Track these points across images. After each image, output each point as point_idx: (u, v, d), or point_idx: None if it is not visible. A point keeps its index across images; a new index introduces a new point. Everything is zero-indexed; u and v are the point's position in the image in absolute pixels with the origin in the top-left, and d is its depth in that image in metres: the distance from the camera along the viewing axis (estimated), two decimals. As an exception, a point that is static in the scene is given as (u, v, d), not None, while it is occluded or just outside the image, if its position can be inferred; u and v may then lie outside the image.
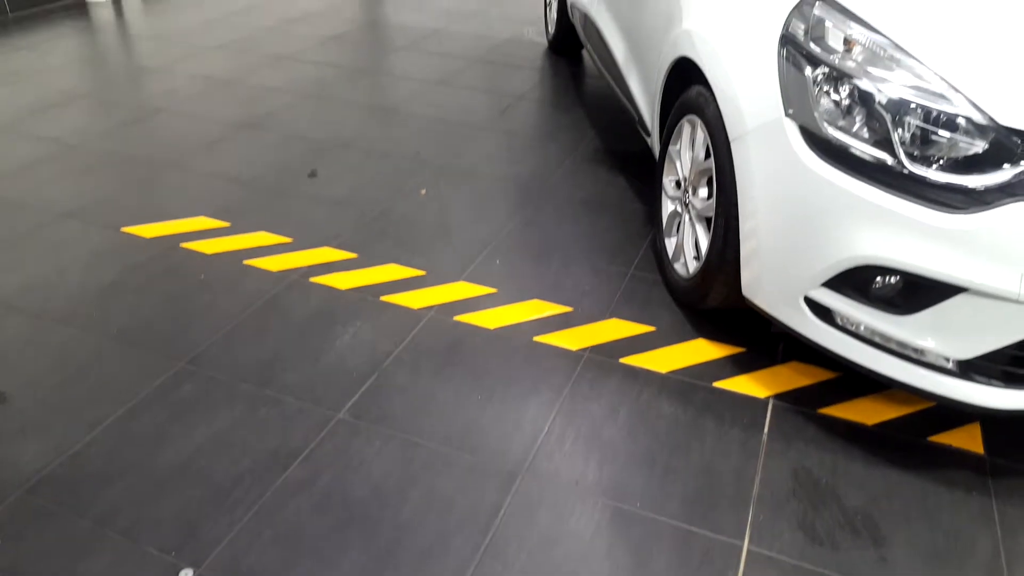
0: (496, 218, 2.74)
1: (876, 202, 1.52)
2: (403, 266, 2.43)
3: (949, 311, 1.52)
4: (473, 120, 3.56)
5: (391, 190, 2.91)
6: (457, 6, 5.42)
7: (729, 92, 1.86)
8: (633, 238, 2.63)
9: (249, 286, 2.32)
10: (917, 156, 1.51)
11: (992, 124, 1.46)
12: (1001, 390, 1.55)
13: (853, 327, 1.67)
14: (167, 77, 4.00)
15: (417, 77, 4.09)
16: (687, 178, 2.22)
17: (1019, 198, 1.43)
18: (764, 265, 1.81)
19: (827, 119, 1.61)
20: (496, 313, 2.22)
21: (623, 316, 2.23)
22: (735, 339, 2.13)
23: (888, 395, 1.93)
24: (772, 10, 1.80)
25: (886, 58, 1.56)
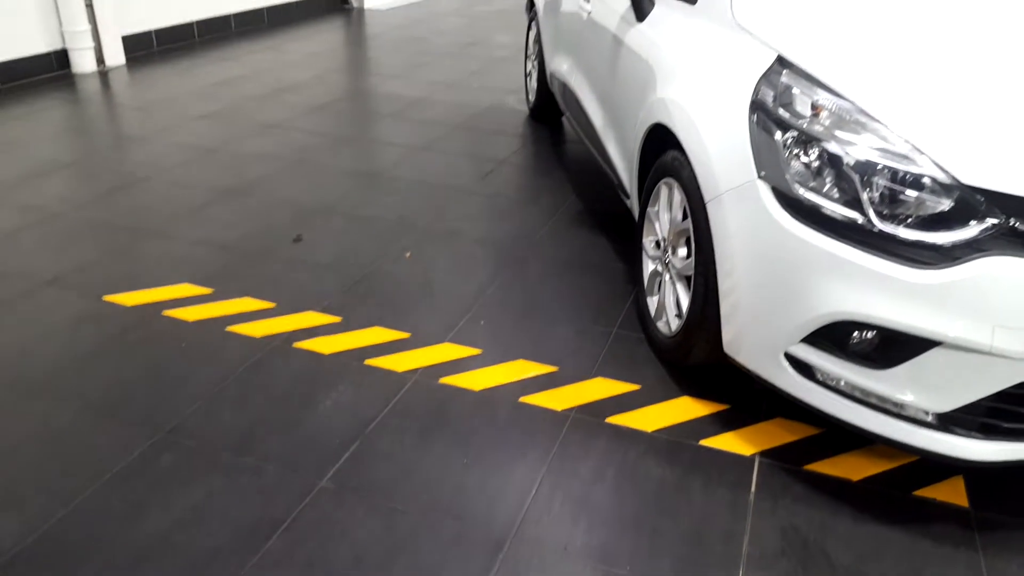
0: (480, 279, 2.76)
1: (849, 259, 1.56)
2: (388, 329, 2.44)
3: (926, 364, 1.54)
4: (457, 184, 3.63)
5: (376, 253, 2.94)
6: (440, 76, 5.56)
7: (703, 156, 1.92)
8: (616, 297, 2.65)
9: (231, 353, 2.31)
10: (886, 215, 1.55)
11: (956, 183, 1.51)
12: (980, 442, 1.56)
13: (833, 382, 1.69)
14: (152, 146, 4.05)
15: (401, 143, 4.18)
16: (666, 238, 2.26)
17: (986, 253, 1.47)
18: (744, 322, 1.84)
19: (798, 180, 1.66)
20: (481, 374, 2.22)
21: (608, 375, 2.23)
22: (720, 396, 2.14)
23: (872, 450, 1.94)
24: (742, 78, 1.87)
25: (852, 122, 1.63)
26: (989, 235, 1.48)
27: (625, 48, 2.62)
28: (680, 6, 2.35)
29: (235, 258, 2.88)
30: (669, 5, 2.42)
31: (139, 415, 2.03)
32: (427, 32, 7.11)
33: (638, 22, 2.54)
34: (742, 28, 2.02)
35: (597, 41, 2.98)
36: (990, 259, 1.47)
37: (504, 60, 6.06)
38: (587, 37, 3.16)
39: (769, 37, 1.92)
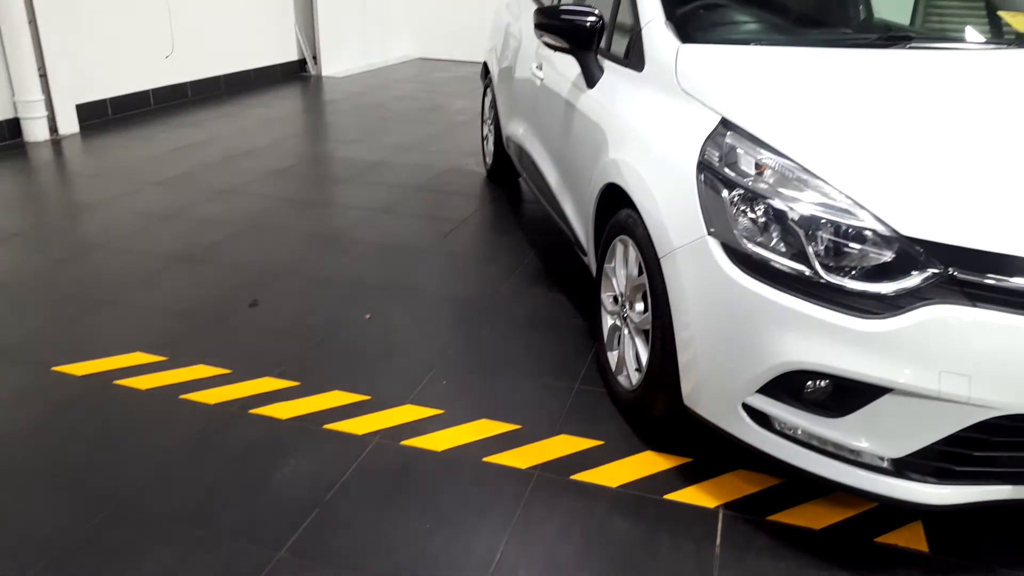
0: (441, 339, 2.76)
1: (798, 310, 1.61)
2: (347, 392, 2.41)
3: (878, 411, 1.58)
4: (416, 245, 3.65)
5: (334, 316, 2.92)
6: (399, 140, 5.65)
7: (655, 214, 1.97)
8: (577, 353, 2.67)
9: (184, 421, 2.25)
10: (832, 267, 1.61)
11: (896, 235, 1.58)
12: (935, 486, 1.60)
13: (791, 432, 1.72)
14: (105, 213, 4.01)
15: (360, 206, 4.20)
16: (624, 294, 2.30)
17: (929, 302, 1.53)
18: (701, 375, 1.87)
19: (746, 236, 1.72)
20: (444, 435, 2.20)
21: (571, 431, 2.23)
22: (682, 449, 2.15)
23: (833, 497, 1.96)
24: (689, 140, 1.95)
25: (795, 179, 1.70)
26: (931, 284, 1.54)
27: (578, 113, 2.71)
28: (628, 73, 2.45)
29: (189, 325, 2.83)
30: (617, 72, 2.52)
31: (88, 489, 1.96)
32: (385, 98, 7.23)
33: (589, 88, 2.63)
34: (687, 93, 2.11)
35: (551, 106, 3.08)
36: (933, 307, 1.53)
37: (462, 124, 6.19)
38: (541, 102, 3.26)
39: (713, 101, 2.01)
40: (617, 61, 2.56)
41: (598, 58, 2.64)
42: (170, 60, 6.52)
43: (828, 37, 2.69)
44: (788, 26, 2.74)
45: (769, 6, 2.81)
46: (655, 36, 2.36)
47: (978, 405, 1.51)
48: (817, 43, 2.49)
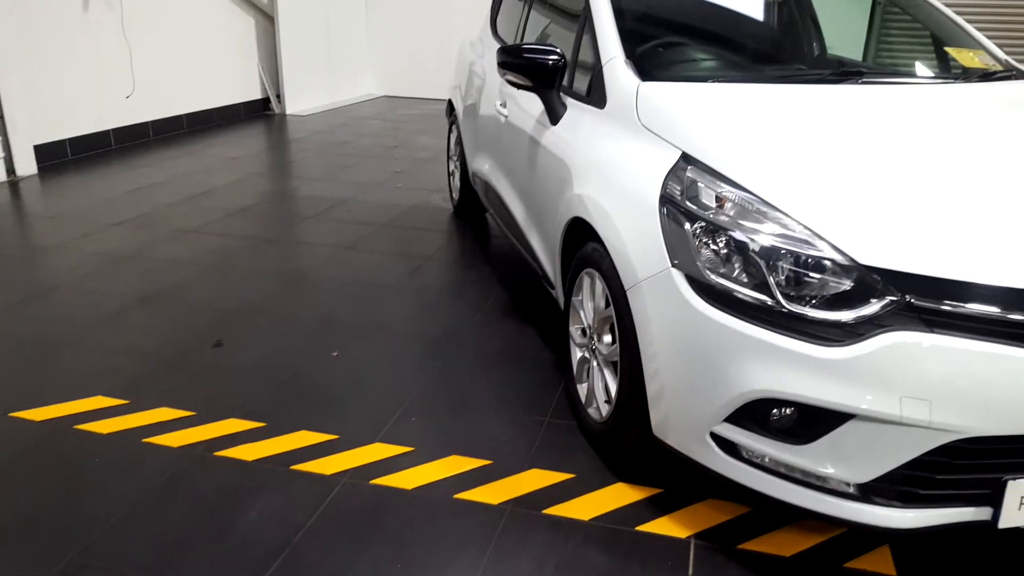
0: (410, 375, 2.74)
1: (762, 339, 1.64)
2: (314, 432, 2.38)
3: (843, 437, 1.61)
4: (383, 281, 3.64)
5: (300, 354, 2.89)
6: (364, 178, 5.66)
7: (620, 248, 2.01)
8: (547, 386, 2.68)
9: (148, 465, 2.20)
10: (793, 296, 1.65)
11: (854, 264, 1.63)
12: (900, 510, 1.62)
13: (758, 459, 1.74)
14: (65, 255, 3.93)
15: (326, 243, 4.19)
16: (592, 326, 2.32)
17: (888, 328, 1.58)
18: (670, 405, 1.89)
19: (709, 267, 1.75)
20: (414, 473, 2.18)
21: (543, 465, 2.23)
22: (653, 480, 2.16)
23: (802, 524, 1.98)
24: (651, 174, 2.00)
25: (755, 211, 1.75)
26: (889, 311, 1.59)
27: (542, 149, 2.76)
28: (590, 110, 2.51)
29: (151, 367, 2.78)
30: (580, 109, 2.58)
31: (47, 538, 1.89)
32: (350, 136, 7.26)
33: (552, 125, 2.68)
34: (648, 130, 2.16)
35: (515, 143, 3.12)
36: (891, 334, 1.57)
37: (427, 161, 6.23)
38: (506, 139, 3.30)
39: (673, 137, 2.06)
40: (579, 98, 2.61)
41: (561, 95, 2.70)
42: (131, 99, 6.47)
43: (783, 73, 2.79)
44: (744, 63, 2.83)
45: (725, 44, 2.91)
46: (616, 74, 2.42)
47: (939, 429, 1.55)
48: (772, 79, 2.58)
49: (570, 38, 2.86)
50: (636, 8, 2.82)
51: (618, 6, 2.64)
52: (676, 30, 2.87)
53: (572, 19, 2.93)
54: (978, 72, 2.69)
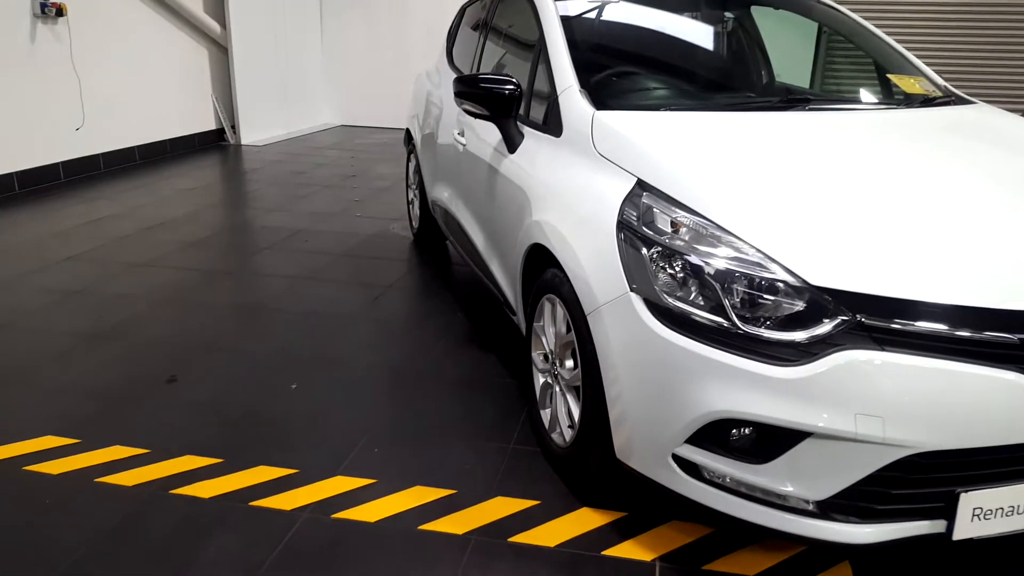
0: (372, 406, 2.72)
1: (719, 360, 1.67)
2: (273, 467, 2.33)
3: (801, 455, 1.64)
4: (343, 312, 3.61)
5: (258, 388, 2.84)
6: (322, 207, 5.63)
7: (580, 273, 2.03)
8: (510, 413, 2.67)
9: (101, 505, 2.13)
10: (748, 318, 1.69)
11: (806, 285, 1.67)
12: (858, 526, 1.65)
13: (720, 480, 1.76)
14: (12, 291, 3.82)
15: (283, 274, 4.14)
16: (553, 351, 2.33)
17: (840, 347, 1.61)
18: (632, 428, 1.90)
19: (666, 291, 1.78)
20: (376, 505, 2.15)
21: (507, 493, 2.22)
22: (618, 503, 2.16)
23: (764, 543, 2.00)
24: (607, 201, 2.03)
25: (709, 236, 1.79)
26: (841, 331, 1.63)
27: (501, 177, 2.78)
28: (547, 138, 2.54)
29: (103, 405, 2.70)
30: (537, 138, 2.61)
31: (-9, 588, 1.82)
32: (306, 165, 7.22)
33: (510, 153, 2.71)
34: (603, 157, 2.20)
35: (474, 171, 3.15)
36: (844, 353, 1.61)
37: (386, 190, 6.22)
38: (465, 167, 3.32)
39: (628, 164, 2.10)
40: (536, 127, 2.65)
41: (518, 124, 2.73)
42: (81, 132, 6.36)
43: (733, 101, 2.87)
44: (695, 91, 2.90)
45: (677, 73, 2.98)
46: (571, 104, 2.46)
47: (892, 444, 1.58)
48: (723, 107, 2.66)
49: (525, 68, 2.90)
50: (589, 39, 2.89)
51: (572, 37, 2.70)
52: (629, 60, 2.94)
53: (527, 49, 2.98)
54: (919, 98, 2.80)
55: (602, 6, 3.08)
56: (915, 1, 7.98)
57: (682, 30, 3.18)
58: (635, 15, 3.11)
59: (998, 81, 7.92)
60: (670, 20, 3.16)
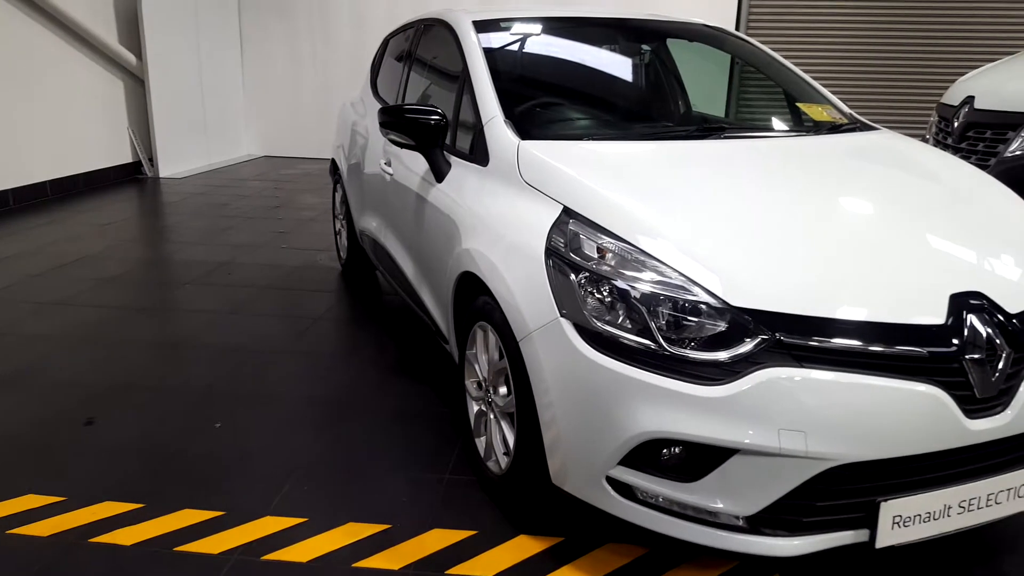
0: (301, 442, 2.65)
1: (648, 382, 1.71)
2: (199, 509, 2.25)
3: (729, 472, 1.68)
4: (269, 345, 3.52)
5: (181, 428, 2.74)
6: (246, 240, 5.50)
7: (510, 300, 2.05)
8: (445, 442, 2.65)
9: (14, 559, 2.00)
10: (674, 339, 1.73)
11: (727, 307, 1.73)
12: (787, 539, 1.70)
13: (653, 499, 1.79)
14: (-91, 335, 3.59)
15: (206, 309, 4.02)
16: (487, 379, 2.33)
17: (762, 365, 1.68)
18: (566, 452, 1.91)
19: (595, 315, 1.82)
20: (309, 544, 2.10)
21: (444, 524, 2.19)
22: (555, 529, 2.16)
23: (698, 560, 2.03)
24: (535, 228, 2.06)
25: (633, 261, 1.84)
26: (762, 349, 1.69)
27: (429, 206, 2.79)
28: (474, 168, 2.57)
29: (14, 452, 2.55)
30: (464, 167, 2.64)
31: None
32: (229, 197, 7.06)
33: (438, 183, 2.72)
34: (530, 186, 2.24)
35: (402, 200, 3.14)
36: (765, 370, 1.67)
37: (312, 220, 6.13)
38: (392, 197, 3.32)
39: (554, 192, 2.14)
40: (463, 156, 2.67)
41: (444, 154, 2.75)
42: (-14, 166, 6.06)
43: (653, 130, 2.97)
44: (616, 121, 2.99)
45: (598, 104, 3.07)
46: (496, 133, 2.50)
47: (815, 458, 1.64)
48: (643, 136, 2.74)
49: (450, 98, 2.93)
50: (512, 70, 2.95)
51: (495, 68, 2.74)
52: (551, 91, 3.00)
53: (452, 80, 3.01)
54: (827, 125, 2.95)
55: (524, 38, 3.15)
56: (821, 34, 8.45)
57: (602, 62, 3.28)
58: (556, 47, 3.20)
59: (897, 108, 8.43)
60: (590, 52, 3.26)
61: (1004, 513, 1.79)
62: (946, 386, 1.68)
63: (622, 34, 3.40)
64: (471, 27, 2.98)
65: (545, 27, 3.18)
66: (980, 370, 1.70)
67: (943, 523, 1.73)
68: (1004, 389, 1.74)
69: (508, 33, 3.11)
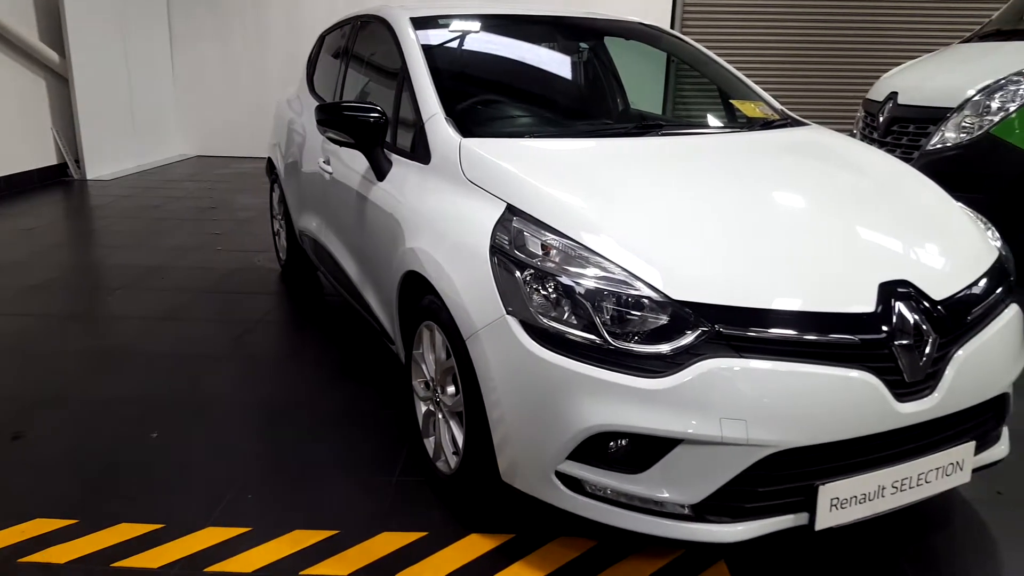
0: (244, 450, 2.59)
1: (594, 376, 1.73)
2: (136, 523, 2.17)
3: (674, 462, 1.72)
4: (208, 351, 3.43)
5: (115, 440, 2.64)
6: (180, 242, 5.34)
7: (456, 299, 2.04)
8: (393, 444, 2.63)
9: (-65, 586, 1.90)
10: (618, 334, 1.76)
11: (668, 300, 1.76)
12: (731, 526, 1.74)
13: (601, 492, 1.81)
14: None
15: (139, 315, 3.89)
16: (434, 378, 2.32)
17: (703, 357, 1.71)
18: (515, 449, 1.92)
19: (541, 312, 1.83)
20: (253, 554, 2.05)
21: (393, 527, 2.17)
22: (505, 526, 2.17)
23: (647, 550, 2.06)
24: (479, 226, 2.06)
25: (577, 257, 1.85)
26: (702, 341, 1.73)
27: (371, 205, 2.75)
28: (416, 166, 2.55)
29: (-65, 470, 2.43)
30: (406, 165, 2.61)
31: None
32: (161, 199, 6.85)
33: (379, 181, 2.69)
34: (473, 183, 2.23)
35: (343, 200, 3.10)
36: (707, 361, 1.71)
37: (249, 221, 6.00)
38: (332, 196, 3.26)
39: (497, 190, 2.14)
40: (404, 154, 2.65)
41: (385, 152, 2.72)
42: None
43: (593, 127, 3.00)
44: (557, 119, 3.01)
45: (539, 102, 3.08)
46: (438, 131, 2.48)
47: (756, 445, 1.69)
48: (583, 133, 2.77)
49: (390, 96, 2.90)
50: (452, 67, 2.93)
51: (434, 65, 2.73)
52: (492, 89, 3.00)
53: (390, 77, 2.98)
54: (760, 121, 3.03)
55: (463, 35, 3.14)
56: (753, 33, 8.67)
57: (542, 60, 3.30)
58: (495, 45, 3.20)
59: (826, 104, 8.71)
60: (529, 50, 3.27)
61: (934, 491, 1.87)
62: (877, 371, 1.75)
63: (561, 32, 3.43)
64: (409, 23, 2.96)
65: (484, 24, 3.18)
66: (909, 355, 1.77)
67: (878, 503, 1.80)
68: (931, 373, 1.82)
69: (447, 30, 3.10)
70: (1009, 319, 2.04)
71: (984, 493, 2.31)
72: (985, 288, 2.01)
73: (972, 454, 1.92)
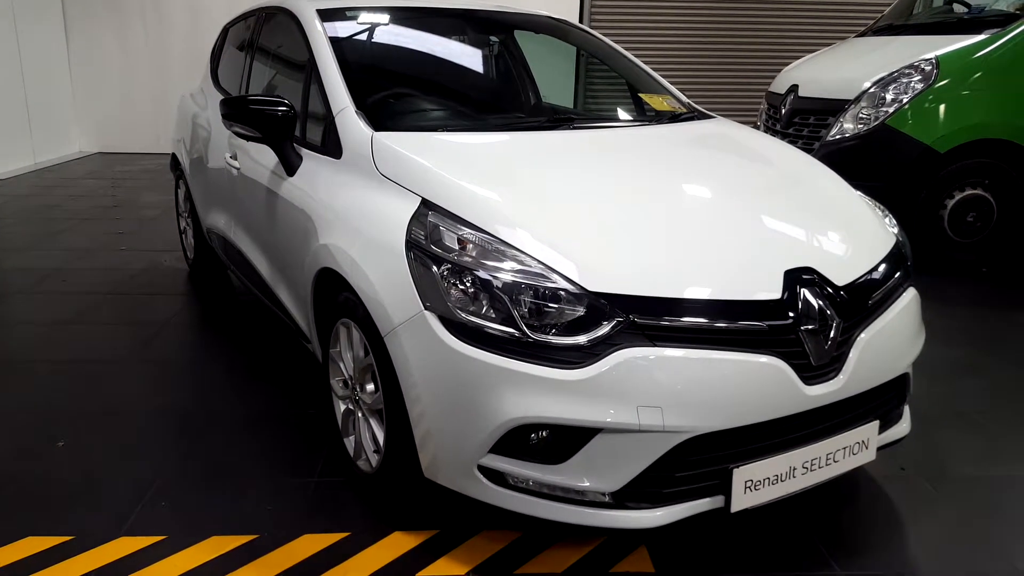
0: (155, 456, 2.49)
1: (513, 369, 1.74)
2: (43, 536, 2.06)
3: (593, 451, 1.75)
4: (113, 356, 3.28)
5: (16, 451, 2.50)
6: (81, 243, 5.07)
7: (373, 295, 2.01)
8: (312, 445, 2.58)
9: None
10: (536, 326, 1.77)
11: (584, 292, 1.79)
12: (650, 511, 1.79)
13: (524, 484, 1.83)
14: None
15: (39, 321, 3.68)
16: (353, 376, 2.28)
17: (619, 346, 1.75)
18: (437, 445, 1.92)
19: (459, 307, 1.83)
20: (169, 563, 1.98)
21: (315, 529, 2.13)
22: (429, 522, 2.16)
23: (569, 539, 2.09)
24: (395, 221, 2.04)
25: (494, 251, 1.86)
26: (618, 331, 1.76)
27: (281, 201, 2.68)
28: (327, 160, 2.50)
29: None
30: (317, 160, 2.56)
31: None
32: (60, 198, 6.48)
33: (290, 176, 2.63)
34: (386, 178, 2.21)
35: (252, 196, 3.01)
36: (623, 351, 1.74)
37: (154, 219, 5.75)
38: (241, 192, 3.17)
39: (411, 184, 2.13)
40: (315, 149, 2.59)
41: (294, 146, 2.65)
42: None
43: (505, 121, 3.01)
44: (470, 112, 3.01)
45: (451, 95, 3.07)
46: (348, 125, 2.44)
47: (672, 431, 1.74)
48: (496, 127, 2.77)
49: (298, 89, 2.83)
50: (361, 60, 2.89)
51: (343, 58, 2.68)
52: (403, 82, 2.97)
53: (298, 70, 2.91)
54: (668, 114, 3.10)
55: (372, 28, 3.09)
56: (660, 27, 8.87)
57: (452, 53, 3.28)
58: (405, 37, 3.17)
59: (731, 97, 9.01)
60: (440, 43, 3.25)
61: (842, 470, 1.97)
62: (785, 356, 1.82)
63: (470, 25, 3.42)
64: (315, 15, 2.89)
65: (394, 17, 3.14)
66: (814, 340, 1.86)
67: (790, 484, 1.88)
68: (836, 356, 1.91)
69: (355, 22, 3.04)
70: (908, 302, 2.16)
71: (889, 470, 2.44)
72: (885, 273, 2.12)
73: (876, 433, 2.02)
